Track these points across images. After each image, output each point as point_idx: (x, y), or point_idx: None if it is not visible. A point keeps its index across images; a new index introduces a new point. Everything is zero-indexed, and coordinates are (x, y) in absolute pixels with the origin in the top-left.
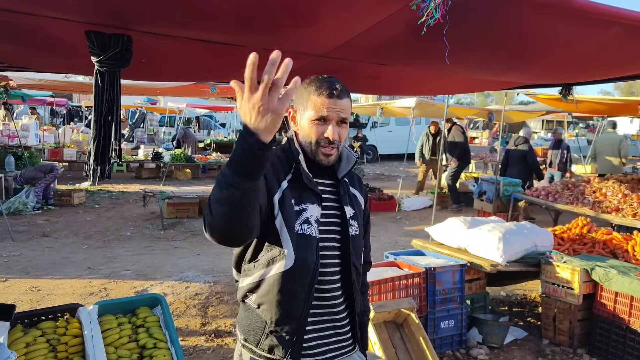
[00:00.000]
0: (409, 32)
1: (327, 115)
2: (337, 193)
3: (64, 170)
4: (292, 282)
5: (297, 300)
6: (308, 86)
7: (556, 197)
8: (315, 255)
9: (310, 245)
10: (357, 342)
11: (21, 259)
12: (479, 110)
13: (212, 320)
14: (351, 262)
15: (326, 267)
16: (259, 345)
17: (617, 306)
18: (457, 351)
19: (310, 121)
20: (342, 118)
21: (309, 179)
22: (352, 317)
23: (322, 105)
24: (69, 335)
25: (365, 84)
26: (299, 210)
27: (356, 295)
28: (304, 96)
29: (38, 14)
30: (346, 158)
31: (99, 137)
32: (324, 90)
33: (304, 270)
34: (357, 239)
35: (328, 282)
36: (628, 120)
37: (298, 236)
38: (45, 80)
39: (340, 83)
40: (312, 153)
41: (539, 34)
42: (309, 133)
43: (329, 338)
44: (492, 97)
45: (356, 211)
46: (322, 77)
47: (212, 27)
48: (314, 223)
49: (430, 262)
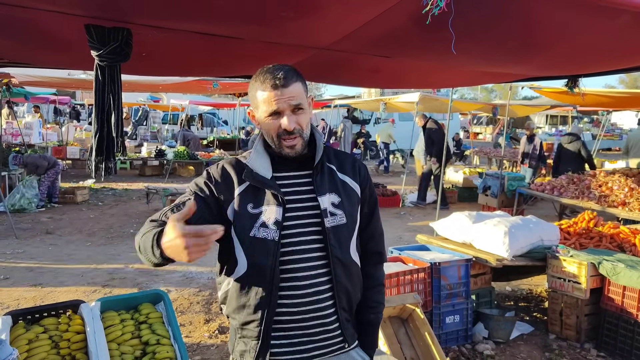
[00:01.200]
0: (412, 23)
1: (277, 108)
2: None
3: (68, 168)
4: (249, 287)
5: (257, 306)
6: (255, 82)
7: (562, 192)
8: (272, 258)
9: (266, 249)
10: (346, 339)
11: (25, 256)
12: (483, 105)
13: (215, 317)
14: (332, 254)
15: (303, 262)
16: (234, 351)
17: (625, 300)
18: (462, 346)
19: (265, 117)
20: (295, 105)
21: (261, 181)
22: (338, 313)
23: (269, 99)
24: (71, 332)
25: (367, 78)
26: (257, 213)
27: (338, 289)
28: (253, 93)
29: (36, 7)
30: (319, 145)
31: (101, 132)
32: (268, 82)
33: (259, 274)
34: (342, 228)
35: (309, 277)
36: (633, 114)
37: (252, 240)
38: (47, 77)
39: (284, 69)
40: (278, 148)
41: (545, 23)
42: (267, 130)
43: (315, 335)
44: (495, 93)
45: (343, 198)
46: (265, 69)
47: (211, 19)
48: (272, 226)
49: (435, 257)
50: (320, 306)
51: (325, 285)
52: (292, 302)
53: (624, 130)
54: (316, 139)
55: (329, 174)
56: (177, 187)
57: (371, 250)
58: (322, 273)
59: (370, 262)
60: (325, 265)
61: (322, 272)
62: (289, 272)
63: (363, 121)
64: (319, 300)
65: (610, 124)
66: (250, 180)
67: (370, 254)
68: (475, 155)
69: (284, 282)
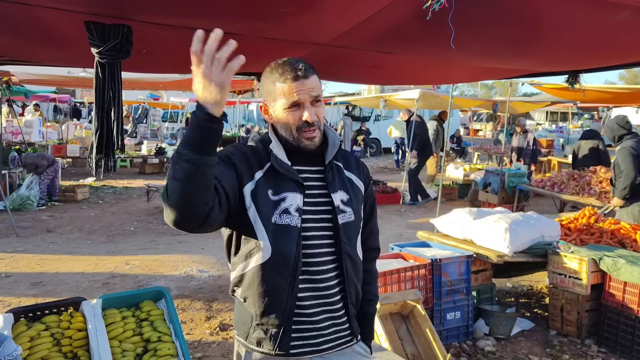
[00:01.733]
0: (414, 18)
1: (298, 99)
2: (326, 179)
3: (68, 167)
4: (272, 274)
5: (280, 293)
6: (271, 75)
7: (562, 188)
8: (296, 246)
9: (289, 236)
10: (354, 333)
11: (26, 254)
12: (483, 102)
13: (216, 314)
14: (343, 250)
15: (316, 256)
16: (248, 338)
17: (626, 296)
18: (463, 343)
19: (284, 109)
20: (315, 97)
21: (285, 168)
22: (347, 308)
23: (290, 91)
24: (73, 329)
25: (369, 74)
26: (278, 200)
27: (349, 284)
28: (270, 86)
29: (36, 4)
30: (332, 142)
31: (101, 129)
32: (288, 74)
33: (283, 261)
34: (351, 225)
35: (320, 272)
36: (634, 110)
37: (275, 227)
38: (47, 75)
39: (303, 62)
40: (296, 141)
41: (547, 17)
42: (286, 122)
43: (325, 329)
44: (495, 89)
45: (351, 196)
46: (283, 61)
47: (211, 15)
48: (294, 212)
49: (436, 253)
50: (330, 301)
51: (334, 280)
52: (306, 294)
53: None
54: (328, 136)
55: (337, 171)
56: None
57: (371, 246)
58: (331, 268)
59: (370, 257)
60: (335, 260)
61: (331, 268)
62: (305, 264)
63: (363, 118)
64: (329, 295)
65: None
66: (275, 164)
67: (370, 250)
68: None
69: (302, 274)
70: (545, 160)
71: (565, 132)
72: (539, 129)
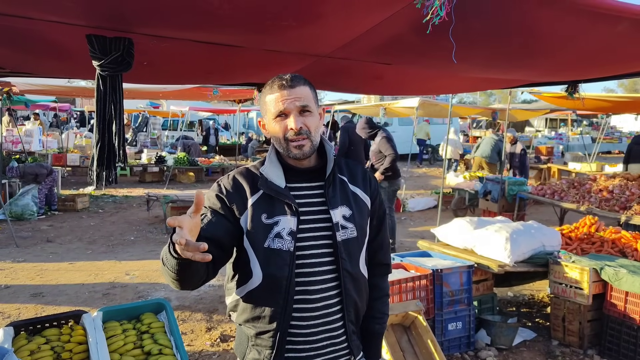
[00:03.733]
0: (413, 31)
1: (284, 109)
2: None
3: (68, 175)
4: (264, 298)
5: (273, 316)
6: (264, 90)
7: (562, 196)
8: (288, 269)
9: (281, 260)
10: (352, 352)
11: (25, 265)
12: (482, 109)
13: (217, 325)
14: (342, 267)
15: (313, 275)
16: (245, 358)
17: (627, 306)
18: (465, 353)
19: (272, 120)
20: (302, 107)
21: (275, 190)
22: (346, 326)
23: (276, 100)
24: (73, 343)
25: (369, 85)
26: (271, 224)
27: (348, 302)
28: (262, 101)
29: (37, 18)
30: (330, 156)
31: (102, 141)
32: (275, 84)
33: (275, 285)
34: (353, 242)
35: (318, 291)
36: (632, 117)
37: (267, 251)
38: (47, 85)
39: (292, 74)
40: (286, 151)
41: (546, 30)
42: (275, 133)
43: (322, 349)
44: (495, 97)
45: (354, 211)
46: (274, 77)
47: (212, 28)
48: (286, 236)
49: (437, 263)
50: (329, 319)
51: (335, 298)
52: (303, 315)
53: (624, 134)
54: (326, 151)
55: (340, 185)
56: (177, 194)
57: (379, 261)
58: (332, 287)
59: (377, 273)
60: (335, 278)
61: (332, 286)
62: (301, 284)
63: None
64: (328, 314)
65: (609, 127)
66: (265, 188)
67: (377, 265)
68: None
69: (297, 294)
70: (545, 168)
71: (565, 139)
72: (539, 136)
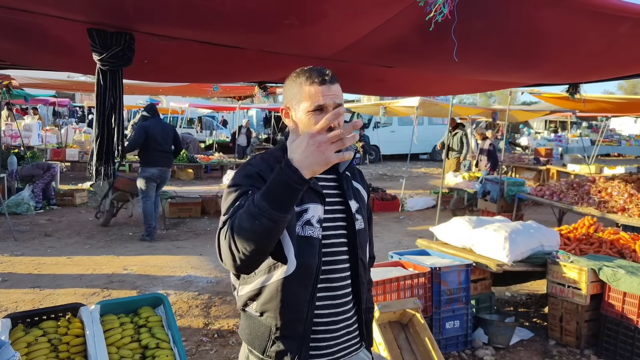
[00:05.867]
0: (415, 33)
1: (324, 103)
2: (341, 187)
3: (67, 171)
4: (295, 286)
5: (302, 304)
6: (297, 78)
7: (561, 197)
8: (318, 257)
9: (312, 248)
10: (363, 339)
11: (23, 259)
12: (482, 110)
13: (214, 320)
14: (358, 257)
15: (334, 264)
16: (266, 352)
17: (625, 306)
18: (462, 352)
19: (307, 112)
20: (338, 104)
21: None
22: (359, 314)
23: (316, 94)
24: (70, 335)
25: (371, 87)
26: (300, 211)
27: (362, 290)
28: (295, 89)
29: (39, 12)
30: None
31: (102, 136)
32: (316, 78)
33: (307, 273)
34: (363, 232)
35: (337, 279)
36: (632, 120)
37: (299, 239)
38: (47, 79)
39: (330, 70)
40: None
41: (549, 30)
42: (308, 125)
43: (340, 338)
44: (494, 97)
45: (360, 205)
46: (309, 67)
47: (214, 28)
48: (315, 224)
49: (436, 261)
50: (346, 308)
51: (349, 288)
52: (325, 303)
53: (623, 136)
54: None
55: (348, 180)
56: (176, 190)
57: (369, 254)
58: (346, 276)
59: (369, 265)
60: (349, 268)
61: (346, 275)
62: (325, 272)
63: (362, 125)
64: (345, 303)
65: (609, 130)
66: None
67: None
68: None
69: (320, 282)
70: (544, 169)
71: (564, 141)
72: (538, 138)
